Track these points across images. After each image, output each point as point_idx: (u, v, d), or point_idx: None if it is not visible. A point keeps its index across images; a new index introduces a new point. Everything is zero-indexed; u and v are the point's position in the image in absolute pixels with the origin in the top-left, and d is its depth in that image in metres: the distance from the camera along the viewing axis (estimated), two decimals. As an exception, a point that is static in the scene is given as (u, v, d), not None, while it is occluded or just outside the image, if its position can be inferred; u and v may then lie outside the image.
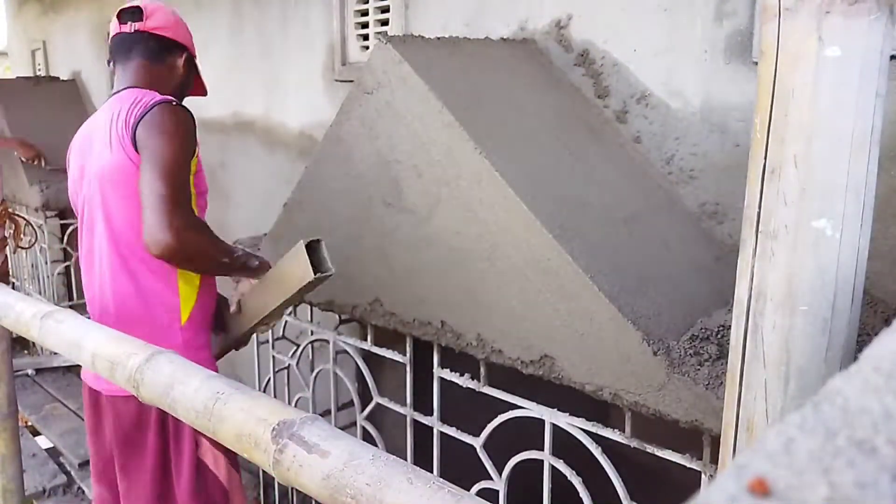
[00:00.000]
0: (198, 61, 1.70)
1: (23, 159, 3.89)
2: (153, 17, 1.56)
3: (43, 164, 3.93)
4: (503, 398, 1.44)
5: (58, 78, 4.61)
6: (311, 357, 1.99)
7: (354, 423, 1.85)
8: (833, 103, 0.53)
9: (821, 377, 0.55)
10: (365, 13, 2.35)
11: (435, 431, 1.62)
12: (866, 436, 0.27)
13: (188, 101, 1.65)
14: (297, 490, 1.52)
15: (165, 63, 1.58)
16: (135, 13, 1.55)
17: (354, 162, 1.54)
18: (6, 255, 1.87)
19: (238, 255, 1.41)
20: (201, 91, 1.77)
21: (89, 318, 1.37)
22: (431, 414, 1.62)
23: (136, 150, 1.36)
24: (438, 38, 1.55)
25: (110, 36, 1.59)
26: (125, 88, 1.50)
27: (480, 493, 1.46)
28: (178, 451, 1.48)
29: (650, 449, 1.21)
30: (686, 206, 1.55)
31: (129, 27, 1.54)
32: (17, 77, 5.08)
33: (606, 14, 1.66)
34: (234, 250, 1.42)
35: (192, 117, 1.43)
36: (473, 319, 1.37)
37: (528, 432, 1.40)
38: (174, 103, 1.41)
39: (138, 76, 1.52)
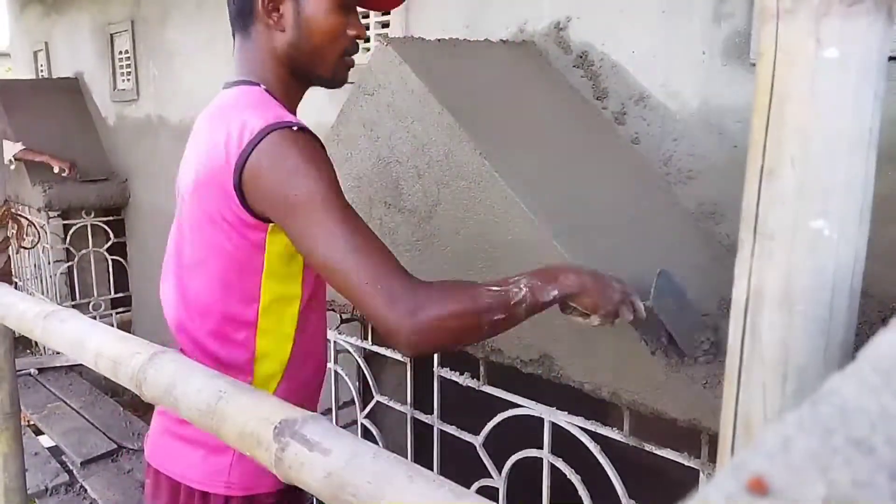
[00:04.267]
0: None
1: (60, 171, 3.87)
2: None
3: (77, 175, 3.92)
4: (503, 397, 1.44)
5: (60, 79, 4.61)
6: (311, 357, 1.99)
7: (355, 422, 1.85)
8: (831, 105, 0.54)
9: (819, 377, 0.55)
10: (365, 15, 2.35)
11: (435, 429, 1.63)
12: (864, 435, 0.27)
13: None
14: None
15: (250, 33, 1.01)
16: None
17: (355, 163, 1.54)
18: (9, 256, 1.87)
19: (518, 295, 0.87)
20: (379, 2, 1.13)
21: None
22: (431, 412, 1.62)
23: (247, 201, 0.92)
24: (438, 40, 1.55)
25: None
26: (233, 84, 1.03)
27: (480, 491, 1.46)
28: None
29: (648, 447, 1.22)
30: (684, 207, 1.55)
31: None
32: (19, 78, 5.08)
33: (605, 16, 1.67)
34: (505, 295, 0.87)
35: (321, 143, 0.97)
36: (474, 319, 1.37)
37: (528, 431, 1.40)
38: (295, 128, 0.91)
39: (239, 64, 1.04)
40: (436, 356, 1.57)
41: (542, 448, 1.37)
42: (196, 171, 0.99)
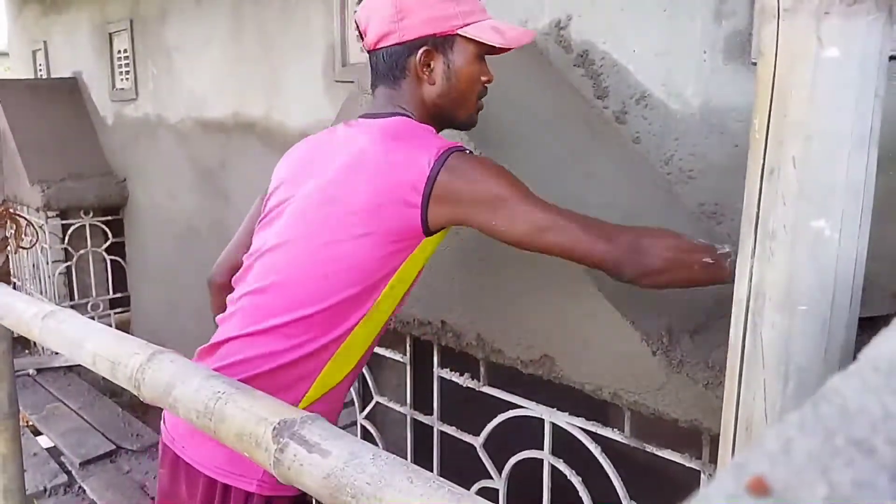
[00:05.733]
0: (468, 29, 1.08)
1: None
2: (371, 26, 1.09)
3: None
4: (503, 397, 1.44)
5: (59, 78, 4.61)
6: (311, 357, 1.99)
7: (355, 423, 1.85)
8: (832, 104, 0.53)
9: (820, 377, 0.55)
10: (365, 13, 2.35)
11: (435, 430, 1.62)
12: (865, 435, 0.27)
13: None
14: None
15: (400, 86, 1.12)
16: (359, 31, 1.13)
17: (355, 162, 1.54)
18: (7, 256, 1.87)
19: (722, 249, 0.95)
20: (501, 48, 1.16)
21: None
22: (431, 413, 1.62)
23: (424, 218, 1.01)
24: (438, 39, 1.55)
25: None
26: (384, 115, 1.11)
27: (480, 492, 1.46)
28: None
29: (649, 448, 1.22)
30: (685, 206, 1.55)
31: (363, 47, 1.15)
32: (18, 77, 5.08)
33: (606, 15, 1.66)
34: (711, 245, 0.96)
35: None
36: (473, 319, 1.37)
37: (528, 431, 1.40)
38: (466, 150, 1.04)
39: (383, 106, 1.13)
40: (436, 357, 1.57)
41: (542, 449, 1.37)
42: (341, 182, 1.05)
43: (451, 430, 1.56)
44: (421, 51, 1.06)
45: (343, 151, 1.08)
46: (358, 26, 1.12)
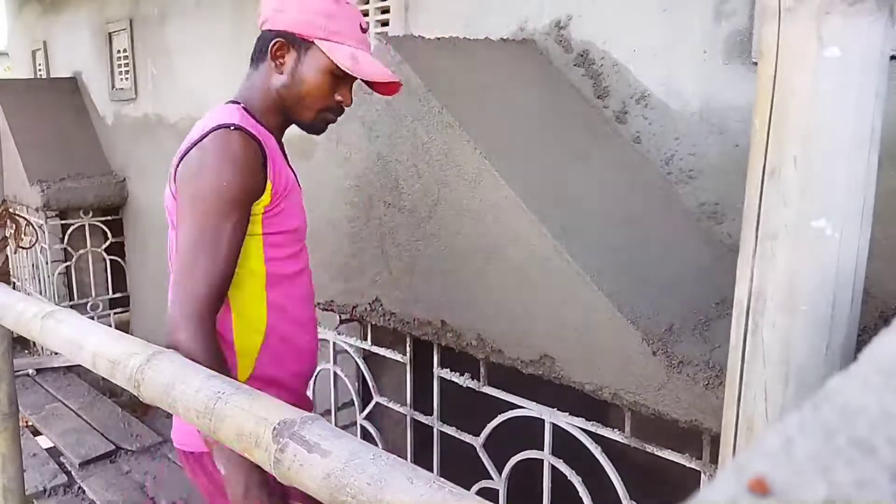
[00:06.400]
0: (333, 49, 1.15)
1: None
2: (263, 9, 1.20)
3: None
4: (503, 398, 1.44)
5: (58, 78, 4.61)
6: (311, 357, 1.98)
7: (355, 423, 1.85)
8: (833, 104, 0.53)
9: (820, 377, 0.55)
10: (365, 13, 2.35)
11: (435, 431, 1.62)
12: (865, 435, 0.27)
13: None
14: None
15: (258, 67, 1.22)
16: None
17: (354, 162, 1.54)
18: (7, 255, 1.87)
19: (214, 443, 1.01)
20: (381, 88, 1.24)
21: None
22: (431, 413, 1.62)
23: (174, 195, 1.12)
24: (438, 39, 1.55)
25: None
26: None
27: (480, 493, 1.46)
28: None
29: (650, 448, 1.22)
30: (685, 206, 1.55)
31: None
32: (18, 77, 5.08)
33: (606, 14, 1.66)
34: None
35: (255, 145, 1.09)
36: (473, 319, 1.37)
37: (528, 432, 1.40)
38: (232, 128, 1.08)
39: (240, 88, 1.24)
40: (436, 357, 1.57)
41: (542, 449, 1.37)
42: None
43: (451, 431, 1.56)
44: (277, 41, 1.17)
45: None
46: None
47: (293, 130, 1.26)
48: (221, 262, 1.05)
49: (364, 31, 1.19)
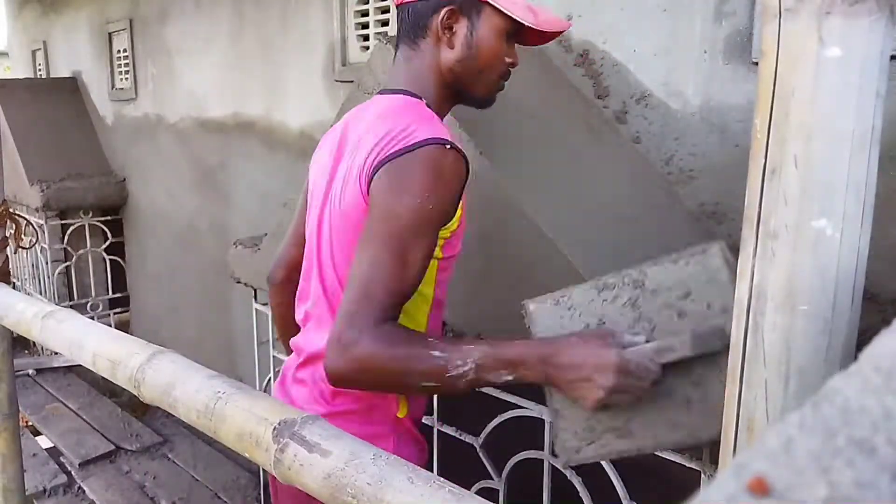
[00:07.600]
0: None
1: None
2: None
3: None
4: (503, 398, 1.44)
5: (58, 78, 4.61)
6: (311, 357, 1.98)
7: (354, 423, 1.85)
8: (833, 103, 0.53)
9: (821, 377, 0.55)
10: (365, 13, 2.35)
11: (435, 431, 1.62)
12: (866, 435, 0.27)
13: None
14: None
15: (419, 46, 1.04)
16: None
17: (354, 162, 1.54)
18: (7, 255, 1.87)
19: (460, 370, 0.84)
20: (536, 39, 1.09)
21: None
22: (431, 413, 1.62)
23: (367, 198, 0.96)
24: (438, 38, 1.55)
25: None
26: (391, 92, 1.06)
27: (480, 493, 1.46)
28: None
29: (650, 448, 1.21)
30: (685, 206, 1.55)
31: None
32: (17, 77, 5.08)
33: (606, 14, 1.66)
34: (444, 365, 0.84)
35: (464, 166, 0.97)
36: (473, 319, 1.37)
37: (528, 432, 1.40)
38: (447, 146, 0.93)
39: (400, 74, 1.07)
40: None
41: (542, 449, 1.37)
42: (341, 166, 1.03)
43: (450, 431, 1.56)
44: (445, 10, 1.00)
45: (349, 138, 1.06)
46: None
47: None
48: (408, 282, 0.91)
49: None
